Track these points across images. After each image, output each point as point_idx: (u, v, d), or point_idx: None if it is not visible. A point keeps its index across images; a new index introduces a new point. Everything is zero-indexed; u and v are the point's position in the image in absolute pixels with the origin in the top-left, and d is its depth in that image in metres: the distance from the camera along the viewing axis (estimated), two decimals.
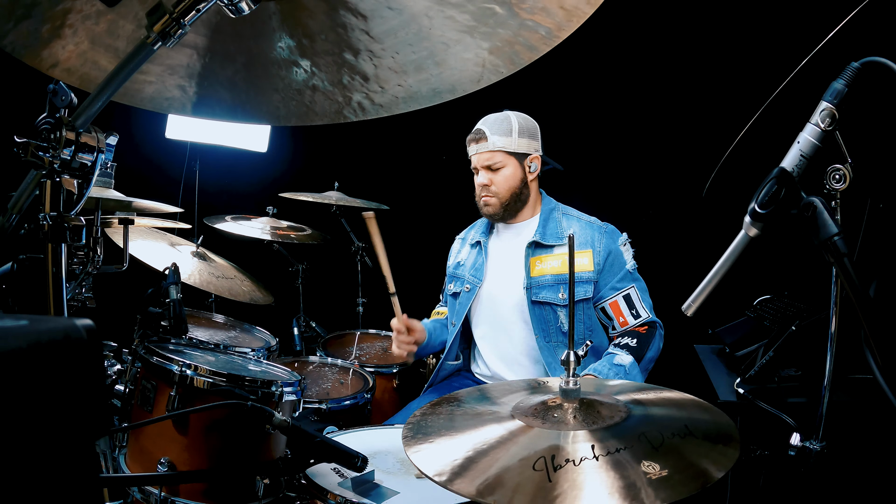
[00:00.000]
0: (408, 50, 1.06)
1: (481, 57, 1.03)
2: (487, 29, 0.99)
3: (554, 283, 2.18)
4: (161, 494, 1.50)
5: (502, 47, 1.01)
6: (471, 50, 1.03)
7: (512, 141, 2.20)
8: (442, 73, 1.08)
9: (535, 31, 0.97)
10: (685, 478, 0.89)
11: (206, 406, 1.47)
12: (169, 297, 1.71)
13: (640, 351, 2.05)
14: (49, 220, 0.91)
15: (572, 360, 1.13)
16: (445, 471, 0.96)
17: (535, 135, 2.26)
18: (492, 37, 1.00)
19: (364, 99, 1.15)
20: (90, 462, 0.53)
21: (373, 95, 1.14)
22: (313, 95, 1.17)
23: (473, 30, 1.00)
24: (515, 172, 2.22)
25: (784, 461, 1.52)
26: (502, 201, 2.23)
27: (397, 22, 1.04)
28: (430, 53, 1.06)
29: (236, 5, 0.94)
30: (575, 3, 0.92)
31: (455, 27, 1.01)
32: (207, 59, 1.16)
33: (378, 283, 2.40)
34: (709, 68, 2.92)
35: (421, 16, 1.02)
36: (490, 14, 0.97)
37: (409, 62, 1.08)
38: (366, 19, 1.05)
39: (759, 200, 0.95)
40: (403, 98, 1.13)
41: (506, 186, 2.21)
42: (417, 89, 1.11)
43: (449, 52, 1.05)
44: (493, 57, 1.02)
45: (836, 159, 1.00)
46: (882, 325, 0.87)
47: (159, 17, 0.90)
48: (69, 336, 0.51)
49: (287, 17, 1.09)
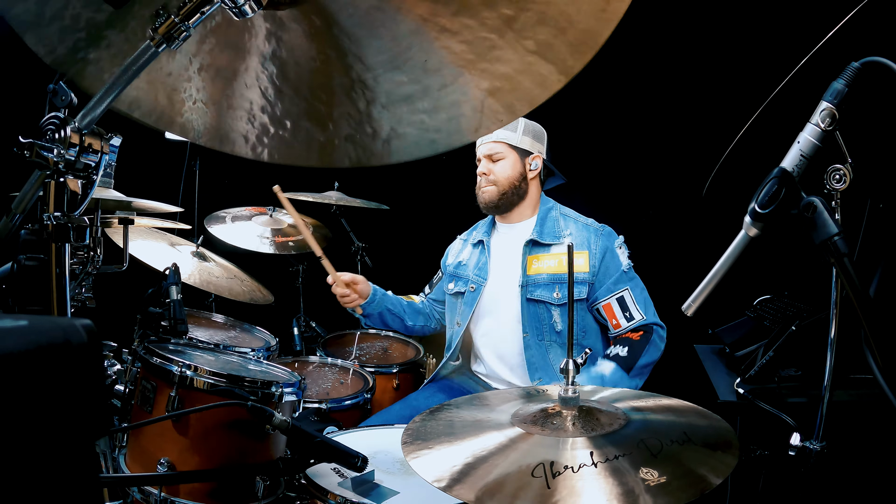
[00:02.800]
0: (404, 79, 0.99)
1: (480, 100, 0.96)
2: (486, 64, 0.93)
3: (549, 283, 2.19)
4: (161, 494, 1.50)
5: (502, 88, 0.93)
6: (468, 90, 0.95)
7: (516, 136, 2.27)
8: (438, 118, 1.00)
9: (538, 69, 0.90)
10: (683, 484, 0.89)
11: (206, 406, 1.47)
12: (169, 297, 1.71)
13: (630, 360, 2.07)
14: (53, 220, 0.91)
15: (571, 369, 1.14)
16: (445, 477, 0.97)
17: (541, 138, 2.32)
18: (491, 75, 0.93)
19: (355, 144, 1.06)
20: (90, 462, 0.53)
21: (364, 140, 1.06)
22: (298, 132, 1.10)
23: (471, 64, 0.94)
24: (515, 165, 2.27)
25: (784, 461, 1.52)
26: (500, 190, 2.27)
27: (391, 47, 0.97)
28: (425, 91, 0.99)
29: (240, 8, 0.94)
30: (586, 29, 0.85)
31: (452, 61, 0.94)
32: None
33: (378, 282, 2.40)
34: (708, 68, 2.92)
35: (414, 43, 0.96)
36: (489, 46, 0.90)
37: (404, 97, 1.00)
38: (358, 42, 0.99)
39: (760, 200, 0.95)
40: (396, 148, 1.04)
41: (504, 176, 2.26)
42: (411, 135, 1.03)
43: (445, 91, 0.97)
44: (492, 101, 0.95)
45: (836, 159, 1.00)
46: (882, 325, 0.87)
47: (164, 19, 0.90)
48: (69, 337, 0.51)
49: (284, 38, 1.04)
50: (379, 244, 3.68)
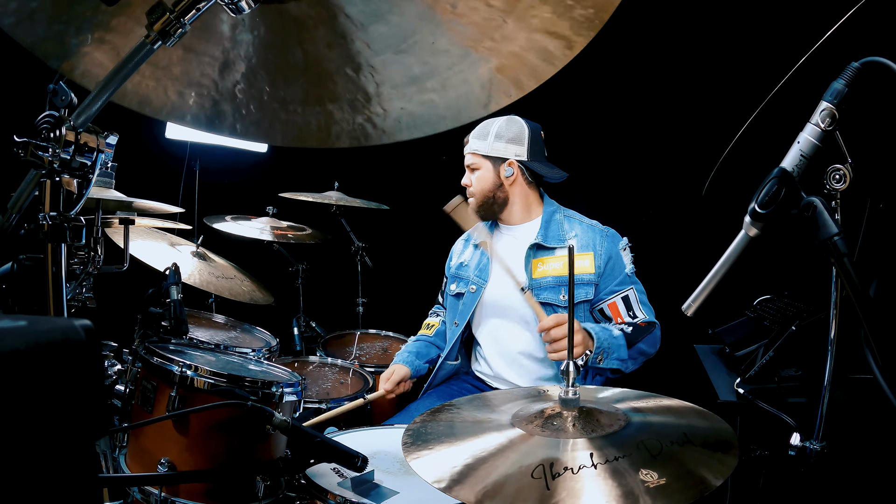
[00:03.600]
0: (412, 61, 1.03)
1: (487, 77, 0.99)
2: (493, 43, 0.96)
3: (555, 285, 2.19)
4: (161, 494, 1.50)
5: (509, 65, 0.97)
6: (476, 68, 0.99)
7: (486, 144, 2.27)
8: (447, 98, 1.04)
9: (543, 46, 0.93)
10: (683, 486, 0.89)
11: (206, 406, 1.47)
12: (169, 297, 1.71)
13: (632, 337, 2.08)
14: (49, 219, 0.91)
15: (571, 370, 1.14)
16: (444, 478, 0.96)
17: (518, 140, 2.27)
18: (497, 53, 0.96)
19: (366, 122, 1.10)
20: (90, 462, 0.53)
21: (375, 119, 1.10)
22: (311, 117, 1.13)
23: (477, 44, 0.97)
24: (487, 175, 2.28)
25: (784, 461, 1.52)
26: (478, 202, 2.32)
27: (397, 32, 1.00)
28: (434, 71, 1.02)
29: (237, 4, 0.94)
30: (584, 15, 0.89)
31: (458, 43, 0.98)
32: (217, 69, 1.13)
33: (378, 282, 2.41)
34: (708, 68, 2.92)
35: (421, 27, 0.98)
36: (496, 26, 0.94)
37: (410, 79, 1.04)
38: (365, 28, 1.01)
39: (759, 200, 0.95)
40: (407, 125, 1.08)
41: (479, 187, 2.30)
42: (422, 114, 1.06)
43: (452, 71, 1.01)
44: (500, 77, 0.98)
45: (836, 159, 1.00)
46: (882, 325, 0.87)
47: (159, 15, 0.90)
48: (68, 337, 0.51)
49: (287, 28, 1.06)
50: (379, 244, 3.68)
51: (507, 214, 2.33)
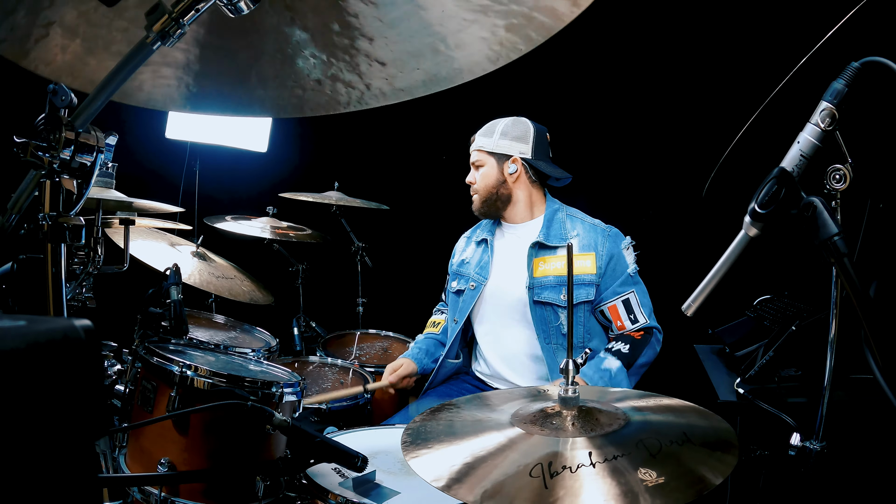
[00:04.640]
0: (423, 33, 1.07)
1: (498, 36, 1.03)
2: (502, 7, 0.99)
3: (556, 285, 2.19)
4: (161, 494, 1.50)
5: (518, 24, 1.01)
6: (486, 29, 1.03)
7: (491, 141, 2.29)
8: (460, 55, 1.09)
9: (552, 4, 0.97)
10: (682, 485, 0.89)
11: (206, 406, 1.47)
12: (170, 297, 1.71)
13: (631, 357, 2.08)
14: (48, 220, 0.91)
15: (571, 369, 1.14)
16: (444, 477, 0.96)
17: (523, 138, 2.28)
18: (507, 14, 1.00)
19: (385, 84, 1.16)
20: (90, 462, 0.53)
21: (393, 80, 1.15)
22: (334, 85, 1.18)
23: (487, 9, 1.00)
24: (491, 171, 2.29)
25: (784, 461, 1.52)
26: (481, 199, 2.33)
27: (409, 7, 1.04)
28: (445, 36, 1.07)
29: (235, 5, 0.94)
30: None
31: (468, 7, 1.01)
32: (211, 53, 1.15)
33: (378, 282, 2.41)
34: (708, 68, 2.92)
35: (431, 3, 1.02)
36: None
37: (425, 45, 1.09)
38: (376, 6, 1.05)
39: (759, 200, 0.95)
40: (424, 81, 1.13)
41: (482, 184, 2.31)
42: (436, 72, 1.11)
43: (464, 33, 1.05)
44: (510, 35, 1.02)
45: (836, 159, 1.00)
46: (882, 325, 0.87)
47: (158, 16, 0.90)
48: (67, 337, 0.51)
49: (298, 9, 1.09)
50: (379, 244, 3.68)
51: (510, 212, 2.33)
